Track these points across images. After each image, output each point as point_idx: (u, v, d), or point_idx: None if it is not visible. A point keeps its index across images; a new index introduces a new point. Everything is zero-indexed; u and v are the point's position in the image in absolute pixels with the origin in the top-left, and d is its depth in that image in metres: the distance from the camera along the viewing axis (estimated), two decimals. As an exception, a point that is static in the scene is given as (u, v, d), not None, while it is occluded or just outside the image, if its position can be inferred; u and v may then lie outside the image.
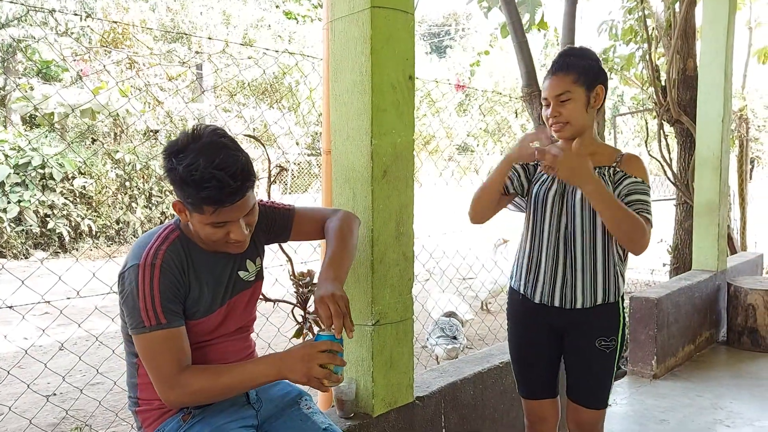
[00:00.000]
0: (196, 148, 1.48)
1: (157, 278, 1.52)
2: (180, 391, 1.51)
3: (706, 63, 4.93)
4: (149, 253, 1.55)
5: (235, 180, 1.47)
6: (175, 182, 1.50)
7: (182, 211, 1.57)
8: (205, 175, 1.44)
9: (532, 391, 2.24)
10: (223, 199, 1.48)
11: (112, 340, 4.75)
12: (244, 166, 1.51)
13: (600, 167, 2.05)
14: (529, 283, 2.16)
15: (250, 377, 1.53)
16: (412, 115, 2.21)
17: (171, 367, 1.51)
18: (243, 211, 1.56)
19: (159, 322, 1.51)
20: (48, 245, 11.13)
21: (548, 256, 2.10)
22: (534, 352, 2.21)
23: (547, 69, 2.11)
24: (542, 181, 2.14)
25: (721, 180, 4.88)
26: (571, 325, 2.12)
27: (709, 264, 4.98)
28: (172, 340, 1.52)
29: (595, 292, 2.07)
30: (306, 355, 1.51)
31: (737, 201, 7.83)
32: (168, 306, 1.53)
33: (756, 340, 4.73)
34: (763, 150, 11.57)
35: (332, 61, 2.17)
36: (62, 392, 4.25)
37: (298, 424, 1.76)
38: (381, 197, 2.10)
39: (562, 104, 2.02)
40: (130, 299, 1.52)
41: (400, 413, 2.24)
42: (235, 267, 1.73)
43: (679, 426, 3.40)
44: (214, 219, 1.52)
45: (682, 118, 5.67)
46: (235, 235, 1.57)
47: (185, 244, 1.63)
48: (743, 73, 8.71)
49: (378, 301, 2.12)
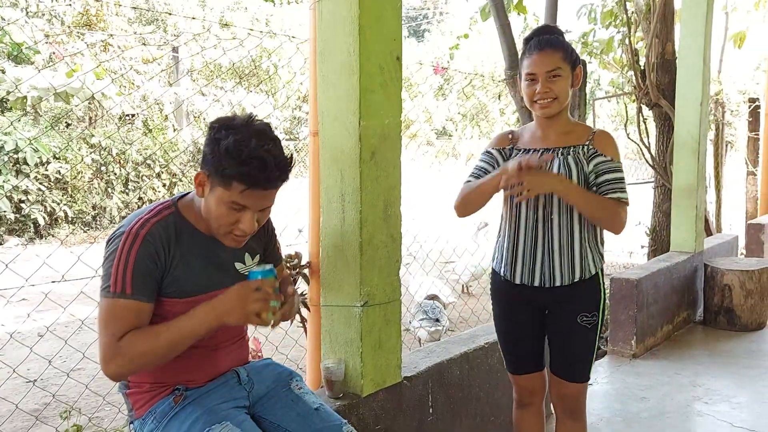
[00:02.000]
0: (249, 129, 1.53)
1: (137, 247, 1.52)
2: (121, 360, 1.46)
3: (685, 47, 4.97)
4: (137, 223, 1.56)
5: (278, 167, 1.53)
6: (216, 152, 1.51)
7: (203, 184, 1.58)
8: (254, 153, 1.48)
9: (520, 366, 2.30)
10: (259, 180, 1.51)
11: (93, 325, 4.71)
12: (288, 162, 1.57)
13: (574, 146, 2.10)
14: (508, 264, 2.19)
15: (190, 329, 1.50)
16: (399, 96, 2.21)
17: (118, 337, 1.48)
18: (265, 202, 1.59)
19: (124, 291, 1.50)
20: (23, 231, 10.95)
21: (527, 237, 2.13)
22: (519, 330, 2.27)
23: (526, 46, 2.11)
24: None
25: (699, 163, 4.95)
26: (553, 302, 2.17)
27: (687, 246, 5.07)
28: (130, 312, 1.50)
29: (572, 270, 2.11)
30: (240, 296, 1.50)
31: (713, 184, 7.96)
32: (139, 278, 1.51)
33: (732, 320, 4.83)
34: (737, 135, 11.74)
35: (319, 41, 2.15)
36: (43, 378, 4.21)
37: (289, 405, 1.77)
38: (369, 179, 2.10)
39: (553, 80, 2.03)
40: (107, 262, 1.54)
41: (388, 393, 2.26)
42: (233, 257, 1.72)
43: (658, 403, 3.47)
44: (238, 199, 1.52)
45: (661, 102, 5.72)
46: (244, 225, 1.57)
47: (177, 222, 1.62)
48: (719, 58, 8.81)
49: (366, 282, 2.13)
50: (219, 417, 1.60)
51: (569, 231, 2.09)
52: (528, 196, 1.99)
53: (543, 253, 2.11)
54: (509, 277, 2.19)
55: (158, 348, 1.48)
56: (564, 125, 2.14)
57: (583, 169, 2.07)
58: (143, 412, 1.66)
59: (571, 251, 2.10)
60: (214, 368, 1.72)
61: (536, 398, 2.34)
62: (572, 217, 2.09)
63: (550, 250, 2.10)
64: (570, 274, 2.11)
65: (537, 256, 2.12)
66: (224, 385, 1.72)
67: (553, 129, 2.14)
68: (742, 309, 4.80)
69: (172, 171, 13.23)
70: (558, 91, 2.04)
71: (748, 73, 15.17)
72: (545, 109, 2.06)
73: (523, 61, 2.10)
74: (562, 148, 2.11)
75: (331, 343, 2.23)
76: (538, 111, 2.09)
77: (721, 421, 3.25)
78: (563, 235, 2.09)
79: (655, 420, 3.27)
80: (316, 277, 2.25)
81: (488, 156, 2.23)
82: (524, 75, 2.09)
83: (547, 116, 2.10)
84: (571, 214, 2.09)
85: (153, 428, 1.63)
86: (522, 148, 2.19)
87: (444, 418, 2.56)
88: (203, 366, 1.70)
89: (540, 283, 2.13)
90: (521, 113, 4.27)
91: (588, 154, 2.08)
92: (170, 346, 1.49)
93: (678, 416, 3.32)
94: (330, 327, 2.23)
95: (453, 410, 2.61)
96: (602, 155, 2.08)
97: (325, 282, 2.22)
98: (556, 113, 2.09)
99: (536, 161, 1.95)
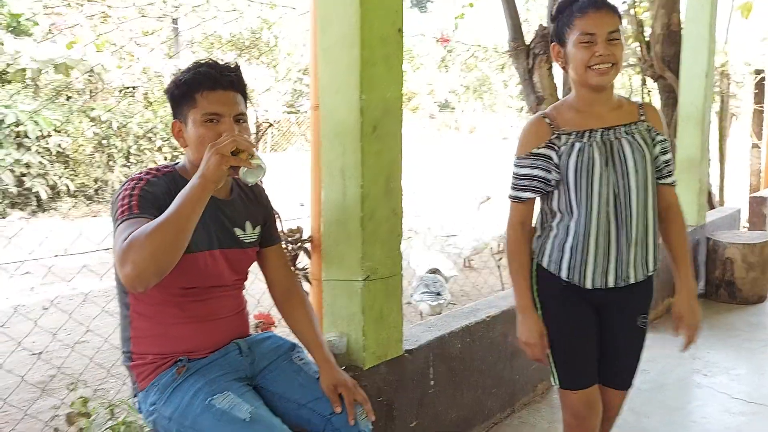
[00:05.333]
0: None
1: (142, 185, 1.59)
2: (133, 255, 1.40)
3: (691, 18, 4.90)
4: (141, 172, 1.66)
5: (227, 67, 1.67)
6: (172, 88, 1.67)
7: (180, 129, 1.69)
8: (201, 62, 1.67)
9: (586, 378, 1.96)
10: (215, 77, 1.63)
11: (96, 298, 4.74)
12: (240, 71, 1.69)
13: (634, 123, 1.87)
14: (576, 267, 1.85)
15: (184, 203, 1.43)
16: (401, 69, 2.19)
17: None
18: (235, 108, 1.66)
19: (131, 211, 1.52)
20: (25, 205, 10.96)
21: (599, 234, 1.81)
22: (584, 335, 1.94)
23: (573, 5, 1.79)
24: (579, 150, 1.81)
25: (703, 136, 4.92)
26: (612, 302, 1.92)
27: (690, 219, 5.05)
28: (137, 224, 1.48)
29: (646, 264, 1.88)
30: (212, 148, 1.46)
31: (717, 157, 7.92)
32: (144, 202, 1.55)
33: (733, 293, 4.85)
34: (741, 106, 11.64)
35: (320, 13, 2.12)
36: (48, 351, 4.25)
37: (291, 375, 1.79)
38: (371, 153, 2.09)
39: (613, 44, 1.75)
40: (115, 202, 1.57)
41: (390, 366, 2.28)
42: (233, 222, 1.75)
43: (659, 376, 3.50)
44: (206, 107, 1.62)
45: (666, 74, 5.66)
46: (226, 131, 1.59)
47: (177, 179, 1.66)
48: (726, 28, 8.69)
49: (368, 257, 2.13)
50: (221, 387, 1.63)
51: (646, 219, 1.84)
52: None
53: (619, 248, 1.82)
54: (578, 282, 1.87)
55: (162, 230, 1.40)
56: (613, 99, 1.87)
57: (651, 149, 1.85)
58: (146, 384, 1.68)
59: (646, 242, 1.85)
60: (215, 339, 1.75)
61: (597, 414, 1.98)
62: (647, 202, 1.84)
63: (627, 244, 1.83)
64: (644, 269, 1.88)
65: (611, 253, 1.83)
66: (225, 357, 1.74)
67: (603, 104, 1.85)
68: (744, 282, 4.82)
69: (174, 144, 13.18)
70: (618, 57, 1.75)
71: (755, 44, 14.98)
72: (603, 76, 1.76)
73: (572, 21, 1.77)
74: (623, 126, 1.84)
75: (332, 317, 2.24)
76: (593, 79, 1.77)
77: (720, 392, 3.28)
78: (640, 226, 1.83)
79: (655, 392, 3.30)
80: (317, 251, 2.25)
81: (538, 159, 1.85)
82: (577, 37, 1.76)
83: (602, 85, 1.80)
84: (647, 200, 1.83)
85: (156, 399, 1.65)
86: (574, 131, 1.84)
87: (445, 391, 2.59)
88: (204, 337, 1.72)
89: (615, 283, 1.85)
90: (525, 86, 4.23)
91: (651, 135, 1.87)
92: (172, 224, 1.42)
93: (677, 388, 3.35)
94: (332, 301, 2.23)
95: (454, 382, 2.64)
96: (659, 133, 1.88)
97: (326, 256, 2.22)
98: (610, 82, 1.81)
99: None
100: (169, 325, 1.69)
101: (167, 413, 1.63)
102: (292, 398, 1.76)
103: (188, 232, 1.44)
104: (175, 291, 1.67)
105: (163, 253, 1.40)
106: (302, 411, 1.75)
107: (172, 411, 1.62)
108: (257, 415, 1.57)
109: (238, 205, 1.80)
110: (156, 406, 1.65)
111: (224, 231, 1.73)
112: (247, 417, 1.56)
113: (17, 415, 3.32)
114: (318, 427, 1.74)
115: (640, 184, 1.81)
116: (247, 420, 1.55)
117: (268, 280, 1.94)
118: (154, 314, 1.69)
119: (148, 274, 1.40)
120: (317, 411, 1.74)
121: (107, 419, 2.40)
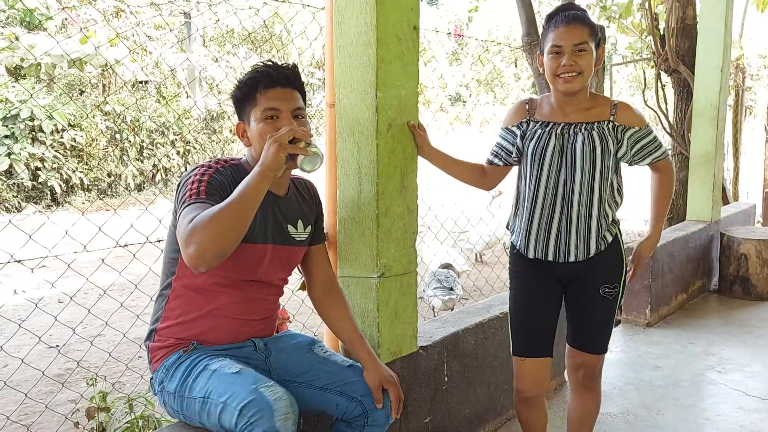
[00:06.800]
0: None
1: (211, 172, 1.66)
2: (197, 236, 1.46)
3: (706, 11, 4.87)
4: (210, 162, 1.73)
5: (285, 67, 1.76)
6: (236, 92, 1.76)
7: (243, 129, 1.77)
8: (260, 64, 1.76)
9: (531, 346, 2.18)
10: (274, 76, 1.72)
11: (113, 292, 4.78)
12: (296, 69, 1.78)
13: (599, 122, 2.07)
14: (521, 238, 2.16)
15: (246, 190, 1.50)
16: (416, 66, 2.19)
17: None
18: (293, 103, 1.73)
19: (199, 195, 1.59)
20: (40, 198, 11.07)
21: (543, 211, 2.09)
22: (534, 306, 2.18)
23: (551, 20, 2.05)
24: (538, 136, 2.10)
25: (717, 130, 4.88)
26: (576, 275, 2.15)
27: (704, 214, 5.03)
28: (202, 208, 1.54)
29: (588, 247, 2.09)
30: (270, 138, 1.55)
31: (731, 151, 7.86)
32: (213, 189, 1.62)
33: (747, 289, 4.82)
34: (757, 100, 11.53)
35: (336, 11, 2.13)
36: (66, 345, 4.30)
37: (317, 366, 1.83)
38: (386, 151, 2.09)
39: (579, 54, 1.97)
40: (182, 186, 1.64)
41: (405, 362, 2.29)
42: (286, 219, 1.82)
43: (672, 372, 3.50)
44: (266, 103, 1.70)
45: (680, 68, 5.62)
46: (285, 125, 1.65)
47: (241, 170, 1.72)
48: (741, 22, 8.61)
49: (383, 254, 2.14)
50: (220, 357, 1.68)
51: (589, 206, 2.06)
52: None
53: (560, 228, 2.08)
54: (523, 251, 2.17)
55: (224, 214, 1.47)
56: (585, 102, 2.09)
57: (608, 145, 2.04)
58: (158, 366, 1.75)
59: (588, 227, 2.07)
60: (235, 336, 1.78)
61: (541, 393, 2.23)
62: (593, 191, 2.05)
63: (567, 224, 2.07)
64: (585, 251, 2.09)
65: (552, 230, 2.09)
66: (239, 350, 1.77)
67: (573, 106, 2.09)
68: (758, 278, 4.79)
69: (186, 139, 13.25)
70: (583, 66, 1.98)
71: (770, 37, 14.82)
72: (568, 84, 2.00)
73: (547, 34, 2.03)
74: (585, 124, 2.06)
75: (348, 313, 2.24)
76: (560, 86, 2.02)
77: (734, 390, 3.27)
78: (582, 211, 2.06)
79: (669, 388, 3.29)
80: (333, 248, 2.26)
81: (508, 133, 2.19)
82: (548, 48, 2.01)
83: (569, 92, 2.03)
84: (591, 188, 2.04)
85: (163, 377, 1.72)
86: (541, 121, 2.12)
87: (459, 387, 2.60)
88: (226, 332, 1.76)
89: (554, 258, 2.11)
90: (538, 81, 4.22)
91: (615, 132, 2.06)
92: (234, 209, 1.48)
93: (691, 385, 3.34)
94: (347, 298, 2.25)
95: (468, 379, 2.65)
96: (631, 128, 2.07)
97: (342, 253, 2.23)
98: (578, 89, 2.02)
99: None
100: (199, 316, 1.74)
101: (171, 388, 1.69)
102: (316, 384, 1.80)
103: (248, 218, 1.51)
104: (222, 281, 1.72)
105: (224, 236, 1.47)
106: (327, 395, 1.79)
107: (175, 386, 1.68)
108: (246, 370, 1.61)
109: (293, 203, 1.86)
110: (164, 383, 1.71)
111: (278, 227, 1.79)
112: (236, 370, 1.60)
113: (36, 408, 3.37)
114: (343, 408, 1.79)
115: (585, 174, 2.04)
116: (234, 372, 1.59)
117: (308, 277, 1.99)
118: (189, 302, 1.74)
119: (210, 255, 1.47)
120: (347, 393, 1.79)
121: (126, 413, 2.44)
